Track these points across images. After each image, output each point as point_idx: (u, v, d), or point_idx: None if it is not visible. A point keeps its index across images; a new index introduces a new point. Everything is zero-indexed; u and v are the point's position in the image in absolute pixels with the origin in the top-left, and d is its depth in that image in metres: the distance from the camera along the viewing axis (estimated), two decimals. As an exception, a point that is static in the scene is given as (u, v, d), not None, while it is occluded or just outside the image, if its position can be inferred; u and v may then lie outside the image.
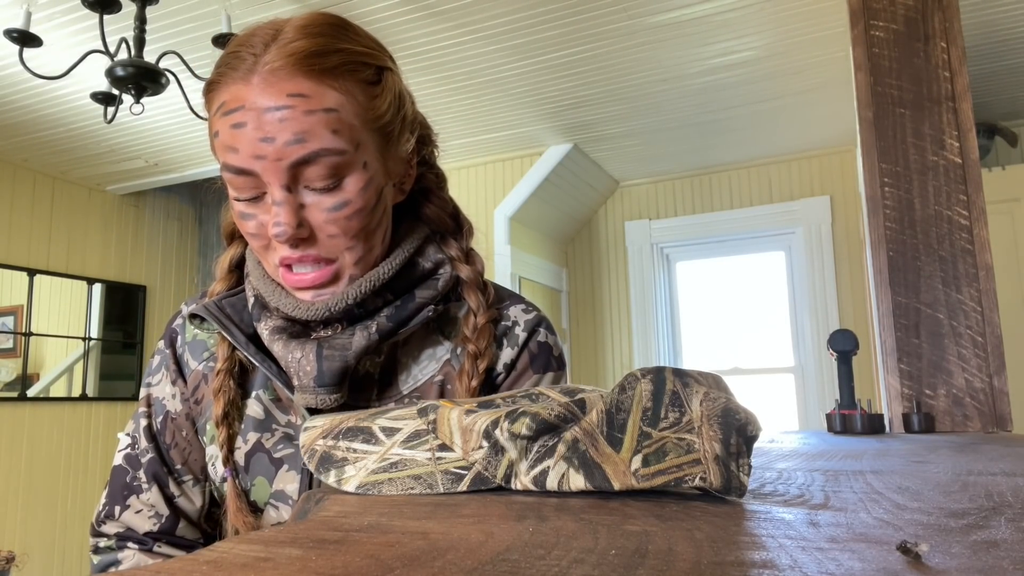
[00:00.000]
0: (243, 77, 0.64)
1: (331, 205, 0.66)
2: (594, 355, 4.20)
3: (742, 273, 4.16)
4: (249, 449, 0.75)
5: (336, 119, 0.64)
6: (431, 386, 0.75)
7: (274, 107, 0.62)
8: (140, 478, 0.79)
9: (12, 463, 3.59)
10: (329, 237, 0.67)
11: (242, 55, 0.65)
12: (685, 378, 0.46)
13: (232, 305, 0.76)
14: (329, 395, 0.69)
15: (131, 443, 0.81)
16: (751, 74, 2.89)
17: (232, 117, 0.64)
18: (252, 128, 0.63)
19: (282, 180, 0.64)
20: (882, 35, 1.72)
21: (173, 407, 0.80)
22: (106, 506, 0.80)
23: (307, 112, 0.63)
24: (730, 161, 3.93)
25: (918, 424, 1.53)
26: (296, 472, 0.73)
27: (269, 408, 0.76)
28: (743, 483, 0.41)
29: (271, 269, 0.71)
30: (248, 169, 0.64)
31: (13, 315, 3.69)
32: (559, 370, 0.80)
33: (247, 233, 0.69)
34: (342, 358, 0.69)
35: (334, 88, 0.64)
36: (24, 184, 3.77)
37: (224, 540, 0.31)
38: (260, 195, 0.66)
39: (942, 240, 1.61)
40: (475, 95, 3.04)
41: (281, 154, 0.63)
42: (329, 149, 0.64)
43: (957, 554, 0.28)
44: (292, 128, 0.62)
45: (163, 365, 0.82)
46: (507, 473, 0.45)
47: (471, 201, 3.84)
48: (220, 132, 0.65)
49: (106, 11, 2.13)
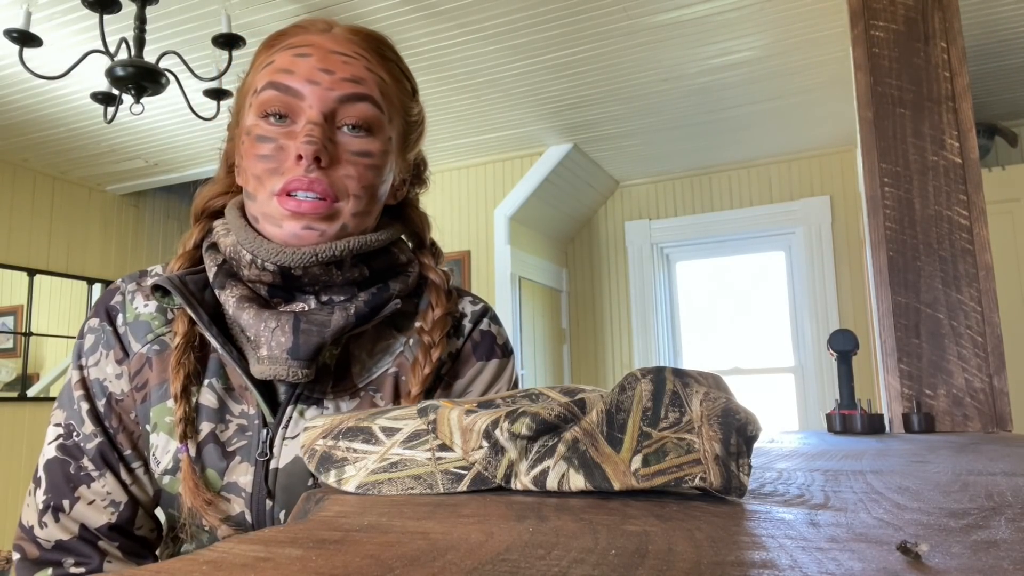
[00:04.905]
0: (318, 31, 0.72)
1: (356, 149, 0.70)
2: (594, 355, 4.20)
3: (742, 273, 4.16)
4: (202, 439, 0.71)
5: (385, 87, 0.73)
6: (386, 378, 0.74)
7: (340, 52, 0.70)
8: (86, 466, 0.72)
9: (12, 463, 3.59)
10: (343, 176, 0.70)
11: (306, 27, 0.73)
12: (685, 378, 0.46)
13: (195, 282, 0.73)
14: (300, 368, 0.67)
15: (64, 432, 0.74)
16: (751, 74, 2.89)
17: (299, 49, 0.70)
18: (316, 59, 0.69)
19: (326, 107, 0.69)
20: (882, 35, 1.72)
21: (117, 388, 0.74)
22: (49, 501, 0.71)
23: (367, 67, 0.71)
24: (730, 161, 3.93)
25: (918, 424, 1.53)
26: (249, 464, 0.70)
27: (223, 397, 0.72)
28: (743, 483, 0.41)
29: (265, 198, 0.69)
30: (297, 89, 0.69)
31: (13, 315, 3.69)
32: (504, 358, 0.81)
33: (258, 155, 0.70)
34: (319, 334, 0.68)
35: (388, 72, 0.74)
36: (24, 184, 3.77)
37: (224, 540, 0.31)
38: (290, 122, 0.69)
39: (942, 240, 1.61)
40: (475, 95, 3.04)
41: (334, 85, 0.69)
42: (375, 99, 0.71)
43: (957, 554, 0.28)
44: (351, 70, 0.70)
45: (101, 344, 0.75)
46: (507, 473, 0.45)
47: (471, 201, 3.84)
48: (276, 60, 0.70)
49: (106, 11, 2.13)
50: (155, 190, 4.32)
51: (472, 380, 0.79)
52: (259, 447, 0.71)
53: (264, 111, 0.70)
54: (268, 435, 0.71)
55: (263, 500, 0.70)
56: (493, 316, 0.84)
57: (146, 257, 4.32)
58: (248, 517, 0.71)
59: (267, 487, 0.70)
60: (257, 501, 0.70)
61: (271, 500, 0.70)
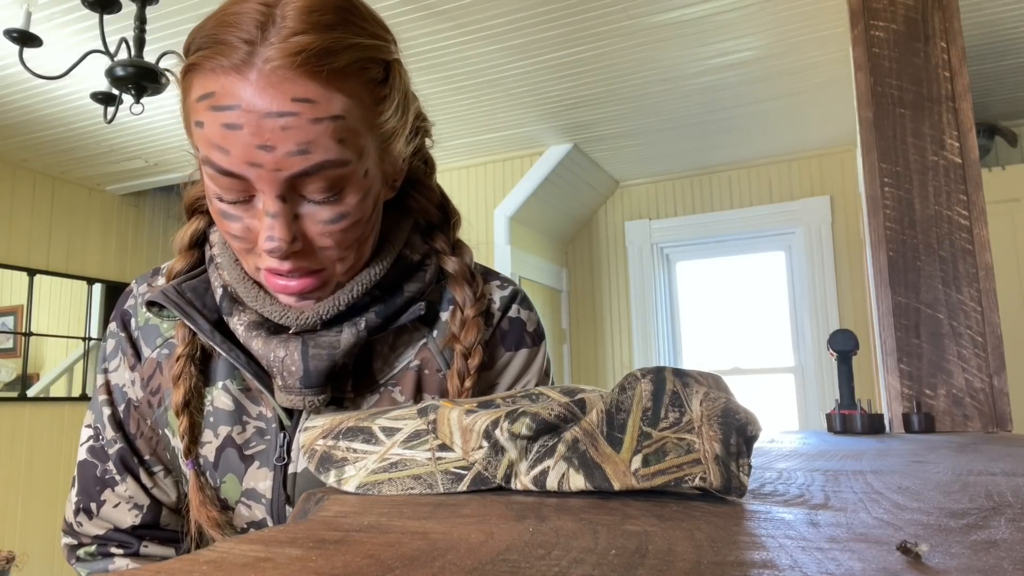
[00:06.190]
0: (237, 69, 0.56)
1: (328, 218, 0.60)
2: (594, 355, 4.20)
3: (742, 273, 4.16)
4: (220, 444, 0.70)
5: (343, 127, 0.58)
6: (407, 373, 0.71)
7: (276, 112, 0.55)
8: (111, 470, 0.74)
9: (12, 463, 3.59)
10: (322, 249, 0.62)
11: (230, 41, 0.56)
12: (685, 378, 0.46)
13: (193, 289, 0.70)
14: (316, 396, 0.65)
15: (94, 434, 0.75)
16: (751, 74, 2.89)
17: (224, 115, 0.56)
18: (249, 133, 0.55)
19: (278, 191, 0.58)
20: (882, 35, 1.72)
21: (134, 394, 0.74)
22: (80, 503, 0.74)
23: (313, 120, 0.56)
24: (730, 161, 3.93)
25: (918, 424, 1.53)
26: (268, 469, 0.69)
27: (239, 398, 0.70)
28: (743, 483, 0.41)
29: (251, 271, 0.66)
30: (240, 174, 0.58)
31: (13, 315, 3.69)
32: (534, 345, 0.77)
33: (228, 233, 0.62)
34: (330, 357, 0.65)
35: (342, 91, 0.57)
36: (24, 184, 3.77)
37: (224, 540, 0.31)
38: (248, 198, 0.60)
39: (942, 240, 1.61)
40: (475, 95, 3.04)
41: (280, 165, 0.56)
42: (333, 161, 0.58)
43: (957, 554, 0.28)
44: (296, 138, 0.56)
45: (119, 349, 0.75)
46: (507, 473, 0.45)
47: (471, 201, 3.84)
48: (206, 124, 0.57)
49: (106, 11, 2.13)
50: (155, 190, 4.32)
51: (501, 372, 0.75)
52: (276, 451, 0.69)
53: (214, 190, 0.61)
54: (286, 439, 0.70)
55: (283, 506, 0.69)
56: (523, 300, 0.78)
57: (146, 257, 4.32)
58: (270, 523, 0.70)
59: (285, 492, 0.69)
60: (278, 507, 0.69)
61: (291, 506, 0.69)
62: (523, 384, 0.76)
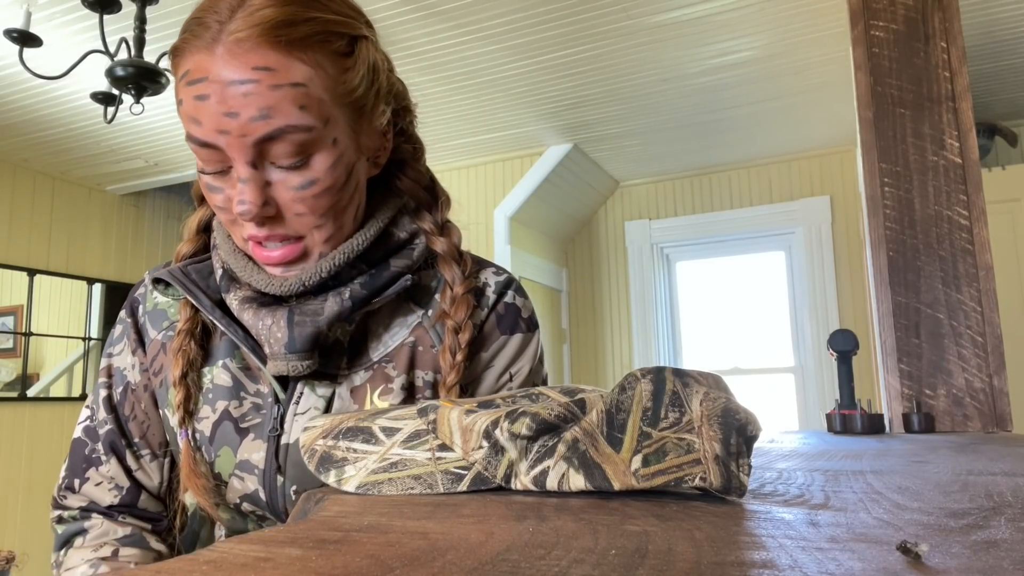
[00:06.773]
0: (207, 46, 0.60)
1: (298, 184, 0.63)
2: (594, 355, 4.20)
3: (742, 273, 4.16)
4: (216, 418, 0.73)
5: (304, 94, 0.61)
6: (402, 349, 0.73)
7: (238, 80, 0.59)
8: (98, 450, 0.78)
9: (12, 463, 3.59)
10: (296, 216, 0.65)
11: (207, 22, 0.61)
12: (685, 378, 0.46)
13: (199, 271, 0.74)
14: (300, 361, 0.67)
15: (90, 414, 0.79)
16: (751, 74, 2.89)
17: (196, 88, 0.61)
18: (215, 101, 0.60)
19: (247, 157, 0.62)
20: (882, 35, 1.72)
21: (133, 378, 0.78)
22: (66, 479, 0.78)
23: (273, 87, 0.60)
24: (730, 161, 3.93)
25: (918, 424, 1.53)
26: (262, 440, 0.72)
27: (238, 376, 0.74)
28: (743, 483, 0.41)
29: (240, 242, 0.69)
30: (212, 143, 0.62)
31: (13, 315, 3.69)
32: (528, 332, 0.79)
33: (214, 206, 0.67)
34: (313, 323, 0.68)
35: (302, 60, 0.61)
36: (24, 184, 3.77)
37: (224, 540, 0.31)
38: (227, 168, 0.64)
39: (942, 240, 1.61)
40: (475, 95, 3.04)
41: (245, 130, 0.60)
42: (296, 126, 0.61)
43: (957, 554, 0.28)
44: (257, 103, 0.60)
45: (124, 335, 0.80)
46: (507, 473, 0.45)
47: (471, 201, 3.84)
48: (184, 101, 0.62)
49: (106, 11, 2.13)
50: (155, 190, 4.32)
51: (495, 354, 0.77)
52: (271, 423, 0.72)
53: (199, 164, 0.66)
54: (280, 411, 0.72)
55: (275, 476, 0.71)
56: (518, 288, 0.80)
57: (146, 257, 4.32)
58: (262, 495, 0.72)
59: (277, 462, 0.71)
60: (269, 478, 0.72)
61: (282, 476, 0.71)
62: (517, 368, 0.78)
